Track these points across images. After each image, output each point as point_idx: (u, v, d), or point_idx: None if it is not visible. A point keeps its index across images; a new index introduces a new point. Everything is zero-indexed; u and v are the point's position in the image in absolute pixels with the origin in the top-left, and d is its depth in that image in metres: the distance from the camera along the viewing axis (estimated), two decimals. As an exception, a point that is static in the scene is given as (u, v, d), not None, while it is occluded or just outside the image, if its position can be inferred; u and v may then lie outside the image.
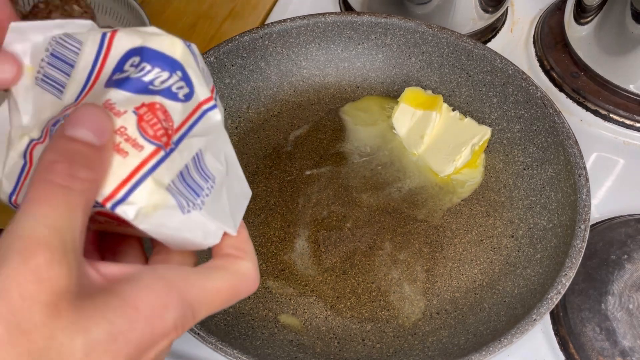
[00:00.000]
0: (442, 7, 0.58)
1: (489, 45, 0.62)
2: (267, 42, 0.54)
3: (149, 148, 0.24)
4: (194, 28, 0.66)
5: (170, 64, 0.26)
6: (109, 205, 0.23)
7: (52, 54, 0.26)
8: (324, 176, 0.51)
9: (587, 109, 0.57)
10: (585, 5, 0.56)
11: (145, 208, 0.24)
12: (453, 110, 0.52)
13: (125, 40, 0.26)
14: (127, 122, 0.24)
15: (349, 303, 0.45)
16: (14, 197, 0.26)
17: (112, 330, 0.20)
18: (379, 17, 0.54)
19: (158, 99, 0.25)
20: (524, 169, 0.50)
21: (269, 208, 0.49)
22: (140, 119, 0.24)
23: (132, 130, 0.24)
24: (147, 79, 0.25)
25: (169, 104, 0.25)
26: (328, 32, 0.55)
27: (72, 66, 0.26)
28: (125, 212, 0.23)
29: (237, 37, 0.53)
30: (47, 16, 0.60)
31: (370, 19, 0.54)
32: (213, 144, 0.28)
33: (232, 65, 0.53)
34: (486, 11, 0.60)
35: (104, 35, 0.26)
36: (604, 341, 0.43)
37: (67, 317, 0.19)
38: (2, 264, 0.18)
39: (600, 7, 0.54)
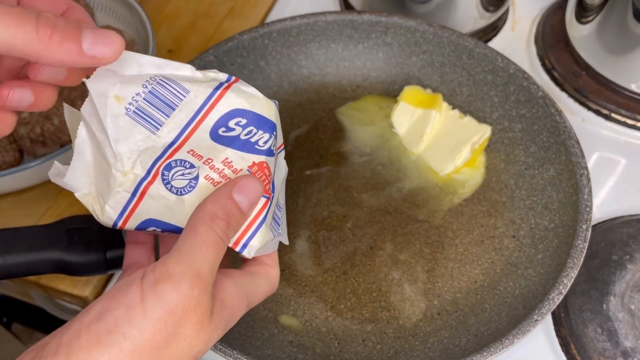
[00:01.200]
0: (443, 5, 0.58)
1: (490, 44, 0.62)
2: (267, 41, 0.54)
3: (262, 201, 0.31)
4: (193, 27, 0.66)
5: (270, 127, 0.31)
6: (237, 249, 0.30)
7: (150, 92, 0.29)
8: (324, 176, 0.51)
9: (589, 108, 0.57)
10: (586, 4, 0.56)
11: (260, 247, 0.31)
12: (453, 109, 0.52)
13: (231, 100, 0.30)
14: None
15: (349, 304, 0.45)
16: (119, 224, 0.30)
17: (217, 335, 0.28)
18: (379, 15, 0.54)
19: (264, 158, 0.31)
20: (526, 169, 0.50)
21: (269, 208, 0.49)
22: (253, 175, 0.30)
23: None
24: (254, 140, 0.30)
25: (270, 160, 0.31)
26: (328, 31, 0.55)
27: (172, 109, 0.30)
28: (249, 253, 0.31)
29: (237, 36, 0.53)
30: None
31: (371, 17, 0.54)
32: (282, 181, 0.34)
33: (232, 64, 0.53)
34: (487, 10, 0.60)
35: (214, 91, 0.30)
36: (606, 342, 0.43)
37: (206, 332, 0.26)
38: (177, 286, 0.25)
39: (602, 6, 0.54)
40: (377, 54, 0.56)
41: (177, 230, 0.30)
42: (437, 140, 0.51)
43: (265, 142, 0.31)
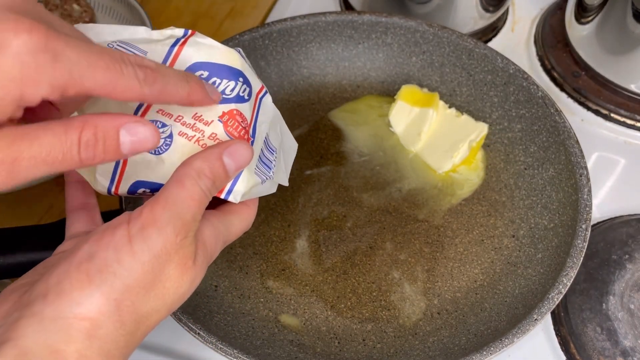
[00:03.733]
0: (443, 6, 0.58)
1: (490, 44, 0.62)
2: (267, 42, 0.54)
3: None
4: (193, 27, 0.65)
5: (234, 74, 0.31)
6: (222, 196, 0.31)
7: None
8: (324, 176, 0.51)
9: (588, 108, 0.57)
10: (586, 5, 0.56)
11: (245, 192, 0.31)
12: (449, 107, 0.52)
13: (190, 54, 0.31)
14: (216, 129, 0.30)
15: (349, 303, 0.45)
16: (113, 190, 0.32)
17: (201, 275, 0.30)
18: (379, 16, 0.54)
19: (233, 106, 0.31)
20: (525, 169, 0.50)
21: (269, 208, 0.49)
22: (225, 125, 0.31)
23: (222, 135, 0.31)
24: (219, 90, 0.31)
25: (241, 106, 0.31)
26: (328, 31, 0.55)
27: None
28: (235, 198, 0.31)
29: (237, 36, 0.53)
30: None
31: (371, 18, 0.54)
32: (272, 122, 0.34)
33: (232, 65, 0.53)
34: (487, 10, 0.60)
35: (171, 49, 0.31)
36: (605, 341, 0.43)
37: (190, 274, 0.28)
38: (163, 231, 0.27)
39: (601, 6, 0.54)
40: (377, 54, 0.56)
41: None
42: (435, 138, 0.51)
43: (232, 90, 0.31)
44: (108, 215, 0.41)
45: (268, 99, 0.34)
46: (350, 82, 0.56)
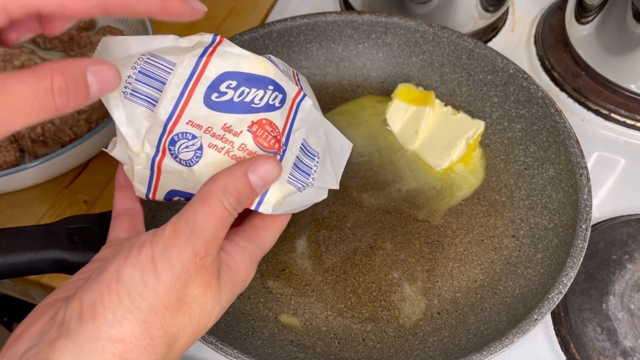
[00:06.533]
0: (443, 6, 0.58)
1: (489, 44, 0.62)
2: (267, 42, 0.54)
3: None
4: (193, 27, 0.66)
5: (263, 82, 0.31)
6: (253, 207, 0.31)
7: (140, 72, 0.30)
8: (324, 176, 0.51)
9: (588, 108, 0.57)
10: (586, 5, 0.56)
11: (277, 202, 0.31)
12: (445, 105, 0.52)
13: (218, 64, 0.30)
14: (245, 139, 0.30)
15: (349, 303, 0.45)
16: (150, 195, 0.32)
17: (232, 297, 0.30)
18: (379, 16, 0.54)
19: (262, 115, 0.31)
20: (525, 169, 0.50)
21: (269, 208, 0.49)
22: (254, 135, 0.31)
23: (251, 145, 0.31)
24: (248, 99, 0.31)
25: (270, 115, 0.31)
26: (328, 31, 0.55)
27: (163, 83, 0.30)
28: (266, 209, 0.31)
29: (237, 36, 0.53)
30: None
31: (371, 18, 0.54)
32: (312, 127, 0.34)
33: (232, 65, 0.53)
34: (487, 10, 0.60)
35: (199, 59, 0.30)
36: (605, 341, 0.43)
37: (213, 292, 0.28)
38: (184, 251, 0.27)
39: (601, 6, 0.54)
40: (377, 54, 0.56)
41: None
42: (432, 136, 0.52)
43: (261, 99, 0.31)
44: (106, 216, 0.41)
45: (307, 102, 0.34)
46: (350, 82, 0.56)
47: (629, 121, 0.55)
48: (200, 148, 0.30)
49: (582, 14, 0.57)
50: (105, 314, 0.25)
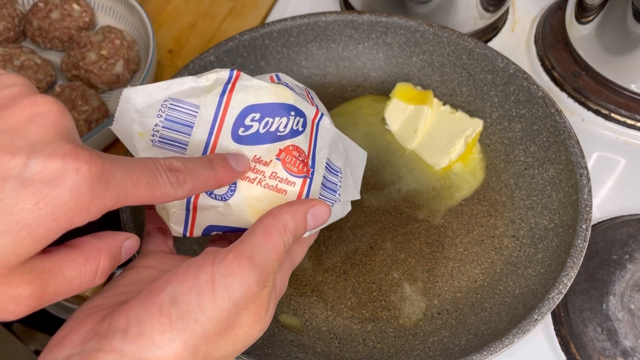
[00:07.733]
0: (443, 6, 0.58)
1: (490, 44, 0.62)
2: (267, 41, 0.54)
3: (299, 181, 0.32)
4: (194, 27, 0.66)
5: (285, 109, 0.32)
6: None
7: (166, 119, 0.31)
8: (324, 176, 0.51)
9: (589, 108, 0.57)
10: (586, 5, 0.56)
11: None
12: (444, 104, 0.52)
13: (240, 100, 0.31)
14: (276, 167, 0.32)
15: (349, 303, 0.45)
16: (187, 234, 0.33)
17: (270, 321, 0.30)
18: (379, 16, 0.54)
19: (288, 142, 0.32)
20: (525, 169, 0.50)
21: (269, 208, 0.49)
22: (283, 162, 0.32)
23: (282, 173, 0.32)
24: (273, 129, 0.31)
25: (296, 140, 0.32)
26: (328, 31, 0.55)
27: (191, 127, 0.31)
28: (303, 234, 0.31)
29: (238, 36, 0.53)
30: (47, 15, 0.60)
31: (371, 18, 0.54)
32: (332, 144, 0.35)
33: (232, 64, 0.53)
34: (487, 10, 0.60)
35: (221, 98, 0.31)
36: (606, 341, 0.43)
37: (262, 322, 0.29)
38: (246, 281, 0.27)
39: (602, 6, 0.54)
40: (377, 54, 0.56)
41: (236, 230, 0.33)
42: (431, 135, 0.52)
43: (285, 126, 0.32)
44: (101, 226, 0.41)
45: (325, 121, 0.35)
46: (350, 82, 0.56)
47: (629, 121, 0.55)
48: (234, 182, 0.31)
49: (582, 13, 0.57)
50: (154, 335, 0.25)
